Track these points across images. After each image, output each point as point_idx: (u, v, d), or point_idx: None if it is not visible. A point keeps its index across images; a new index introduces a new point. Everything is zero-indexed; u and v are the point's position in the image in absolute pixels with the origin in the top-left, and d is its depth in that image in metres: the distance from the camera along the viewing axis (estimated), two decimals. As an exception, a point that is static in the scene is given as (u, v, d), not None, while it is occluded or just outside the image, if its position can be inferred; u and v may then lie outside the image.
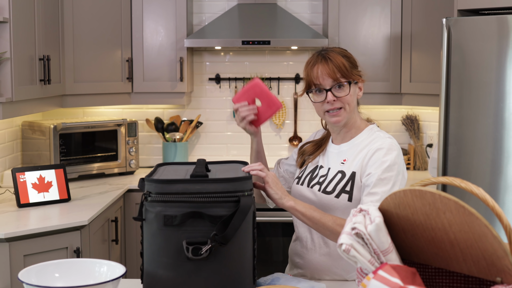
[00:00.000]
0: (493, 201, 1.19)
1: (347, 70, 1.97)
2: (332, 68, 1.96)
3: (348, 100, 1.98)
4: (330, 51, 2.01)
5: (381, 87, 4.00)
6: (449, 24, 3.14)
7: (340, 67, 1.96)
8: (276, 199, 1.87)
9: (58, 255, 2.79)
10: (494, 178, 3.03)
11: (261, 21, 4.04)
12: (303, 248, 2.07)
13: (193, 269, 1.65)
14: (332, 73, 1.96)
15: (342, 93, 1.97)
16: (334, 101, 1.97)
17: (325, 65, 1.97)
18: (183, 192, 1.64)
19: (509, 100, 2.98)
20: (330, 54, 1.99)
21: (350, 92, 1.97)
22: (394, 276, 1.16)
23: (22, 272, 1.62)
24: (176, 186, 1.65)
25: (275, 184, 1.88)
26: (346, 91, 1.97)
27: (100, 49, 3.87)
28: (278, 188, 1.88)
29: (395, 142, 2.00)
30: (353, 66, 2.00)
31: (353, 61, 2.02)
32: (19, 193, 3.08)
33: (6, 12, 2.92)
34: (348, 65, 1.98)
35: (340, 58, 1.98)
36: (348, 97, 1.97)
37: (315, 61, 1.99)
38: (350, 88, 1.97)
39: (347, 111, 1.99)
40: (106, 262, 1.72)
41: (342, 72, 1.96)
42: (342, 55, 2.00)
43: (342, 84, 1.96)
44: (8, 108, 2.98)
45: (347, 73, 1.97)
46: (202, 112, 4.39)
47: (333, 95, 1.97)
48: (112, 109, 4.33)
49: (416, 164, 4.26)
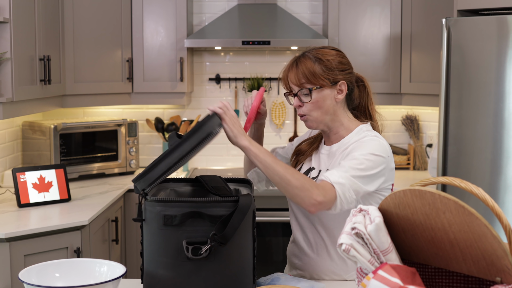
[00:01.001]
0: (492, 201, 1.19)
1: (314, 75, 1.94)
2: (296, 74, 1.96)
3: (315, 106, 1.96)
4: (303, 55, 1.99)
5: (381, 87, 4.00)
6: (449, 24, 3.14)
7: (305, 74, 1.94)
8: (231, 137, 1.86)
9: (58, 255, 2.80)
10: (493, 178, 3.03)
11: (261, 21, 4.04)
12: (300, 250, 2.08)
13: (193, 269, 1.66)
14: (296, 80, 1.96)
15: (306, 99, 1.96)
16: (300, 106, 1.98)
17: (291, 71, 1.98)
18: (167, 168, 1.67)
19: (509, 100, 2.98)
20: (301, 59, 1.98)
21: (313, 99, 1.95)
22: (394, 276, 1.17)
23: (22, 272, 1.62)
24: (159, 167, 1.68)
25: (233, 123, 1.86)
26: (308, 97, 1.96)
27: (100, 49, 3.87)
28: (235, 127, 1.86)
29: (383, 141, 1.98)
30: (326, 69, 1.95)
31: (328, 64, 1.96)
32: (19, 193, 3.08)
33: (6, 12, 2.92)
34: (318, 69, 1.94)
35: (309, 63, 1.95)
36: (314, 103, 1.95)
37: (288, 65, 2.01)
38: (315, 94, 1.95)
39: (314, 117, 1.98)
40: (106, 262, 1.72)
41: (306, 78, 1.94)
42: (315, 59, 1.96)
43: (306, 91, 1.95)
44: (9, 108, 2.98)
45: (313, 79, 1.94)
46: (202, 112, 4.39)
47: (300, 100, 1.97)
48: (112, 109, 4.33)
49: (416, 164, 4.26)
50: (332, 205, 1.83)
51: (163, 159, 1.69)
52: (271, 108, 4.35)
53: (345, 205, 1.83)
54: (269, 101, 4.37)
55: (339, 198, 1.82)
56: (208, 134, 1.74)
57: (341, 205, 1.83)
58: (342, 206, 1.83)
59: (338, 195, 1.82)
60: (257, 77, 4.32)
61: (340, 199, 1.82)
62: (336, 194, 1.82)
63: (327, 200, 1.81)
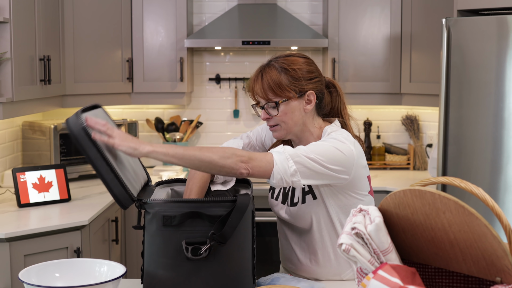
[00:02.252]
0: (492, 201, 1.19)
1: (280, 87, 1.88)
2: (261, 87, 1.90)
3: (285, 117, 1.91)
4: (268, 65, 1.93)
5: (381, 87, 4.00)
6: (449, 24, 3.14)
7: (270, 86, 1.88)
8: (132, 153, 1.66)
9: (58, 255, 2.80)
10: (494, 178, 3.03)
11: (261, 21, 4.04)
12: (292, 256, 2.08)
13: (192, 269, 1.66)
14: (261, 93, 1.91)
15: (273, 112, 1.91)
16: (268, 118, 1.93)
17: (257, 83, 1.92)
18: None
19: (509, 100, 2.98)
20: (266, 69, 1.92)
21: (280, 112, 1.89)
22: (394, 276, 1.17)
23: (22, 272, 1.62)
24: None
25: (125, 140, 1.66)
26: (275, 111, 1.90)
27: (100, 49, 3.87)
28: (129, 141, 1.66)
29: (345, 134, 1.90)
30: (293, 80, 1.89)
31: (294, 74, 1.89)
32: (19, 193, 3.08)
33: (6, 12, 2.92)
34: (284, 80, 1.88)
35: (274, 74, 1.89)
36: (282, 115, 1.90)
37: (253, 77, 1.95)
38: (278, 108, 1.89)
39: (284, 127, 1.93)
40: (106, 262, 1.72)
41: (272, 91, 1.89)
42: (281, 69, 1.90)
43: (272, 104, 1.90)
44: (9, 108, 2.98)
45: (278, 91, 1.88)
46: (202, 112, 4.39)
47: (267, 113, 1.92)
48: (112, 109, 4.33)
49: (416, 164, 4.26)
50: (269, 171, 1.74)
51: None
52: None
53: (286, 178, 1.75)
54: (269, 101, 4.37)
55: (277, 167, 1.74)
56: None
57: (278, 174, 1.74)
58: (280, 174, 1.74)
59: (276, 165, 1.74)
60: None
61: (278, 169, 1.74)
62: (272, 159, 1.75)
63: (257, 172, 1.73)
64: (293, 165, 1.75)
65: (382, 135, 4.36)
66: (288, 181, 1.76)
